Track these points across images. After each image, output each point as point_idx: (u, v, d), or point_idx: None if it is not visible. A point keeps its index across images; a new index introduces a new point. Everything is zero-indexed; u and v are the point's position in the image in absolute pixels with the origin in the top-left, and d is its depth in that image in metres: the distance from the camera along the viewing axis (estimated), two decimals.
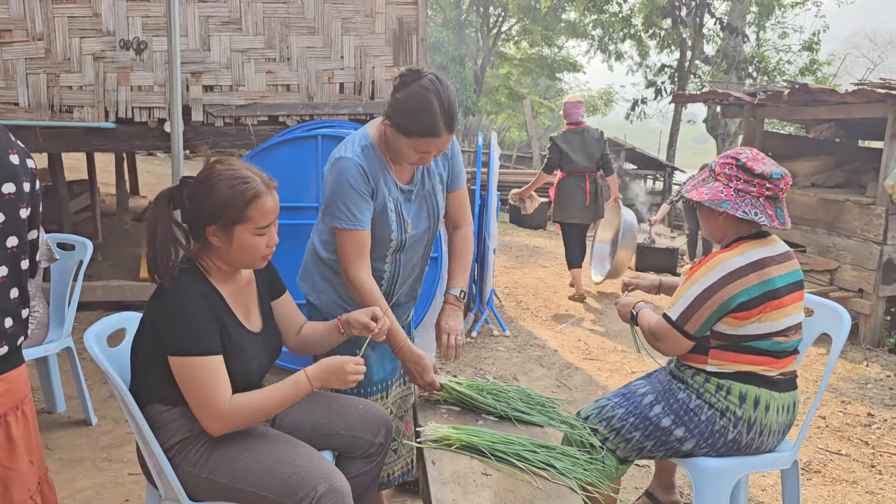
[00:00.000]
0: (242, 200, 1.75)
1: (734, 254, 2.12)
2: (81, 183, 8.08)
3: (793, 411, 2.23)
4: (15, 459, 1.66)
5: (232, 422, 1.76)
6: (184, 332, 1.71)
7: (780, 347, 2.13)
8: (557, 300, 6.55)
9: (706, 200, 2.15)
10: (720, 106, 7.66)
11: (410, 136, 1.99)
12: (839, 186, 6.34)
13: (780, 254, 2.16)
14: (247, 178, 1.77)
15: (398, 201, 2.15)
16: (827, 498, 3.08)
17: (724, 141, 15.95)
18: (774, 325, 2.10)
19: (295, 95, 4.94)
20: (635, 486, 3.08)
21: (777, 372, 2.15)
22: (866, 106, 5.52)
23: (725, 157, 2.20)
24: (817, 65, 16.81)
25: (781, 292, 2.10)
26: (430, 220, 2.26)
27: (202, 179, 1.78)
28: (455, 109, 1.99)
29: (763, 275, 2.08)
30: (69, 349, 3.38)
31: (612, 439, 2.25)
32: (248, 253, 1.80)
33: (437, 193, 2.24)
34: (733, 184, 2.14)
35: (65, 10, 4.70)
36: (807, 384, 4.44)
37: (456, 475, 1.81)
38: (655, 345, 2.26)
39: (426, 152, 2.02)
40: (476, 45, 25.00)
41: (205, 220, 1.77)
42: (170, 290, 1.75)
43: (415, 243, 2.25)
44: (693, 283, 2.13)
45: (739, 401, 2.12)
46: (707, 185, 2.21)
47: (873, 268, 5.37)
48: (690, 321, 2.12)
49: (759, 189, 2.12)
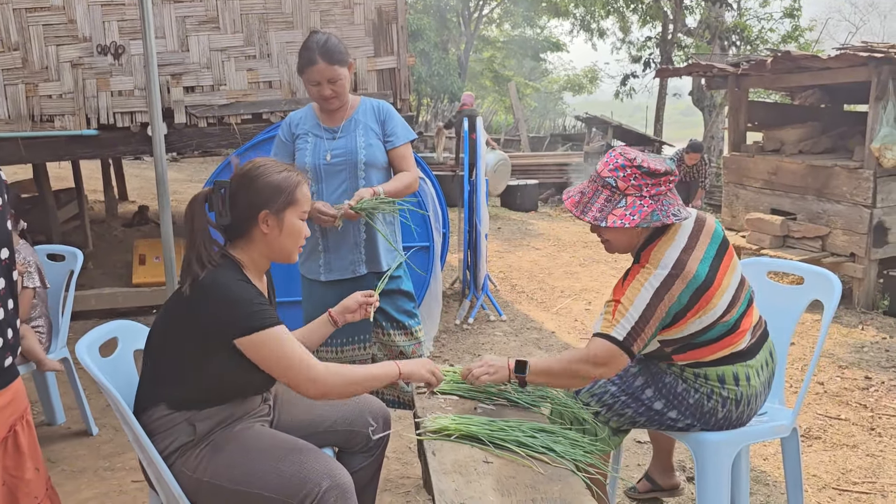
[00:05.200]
0: (292, 184, 1.88)
1: (651, 268, 2.01)
2: (68, 192, 8.02)
3: (772, 362, 2.21)
4: (22, 468, 1.69)
5: (331, 382, 1.78)
6: (245, 311, 1.73)
7: (731, 322, 2.06)
8: (552, 282, 6.56)
9: (640, 222, 2.01)
10: (704, 78, 7.65)
11: (302, 73, 2.55)
12: (826, 152, 6.35)
13: (689, 236, 2.06)
14: (289, 167, 1.94)
15: (319, 137, 2.65)
16: (828, 463, 3.11)
17: (711, 112, 15.92)
18: (714, 311, 2.02)
19: (277, 92, 4.91)
20: (637, 464, 3.10)
21: (745, 342, 2.11)
22: (849, 70, 5.52)
23: (621, 168, 2.03)
24: (799, 31, 16.75)
25: (710, 277, 2.01)
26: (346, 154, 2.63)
27: (244, 174, 1.88)
28: (331, 46, 2.50)
29: (686, 276, 1.99)
30: (66, 360, 3.37)
31: (605, 413, 2.22)
32: (294, 238, 1.91)
33: (359, 137, 2.64)
34: (645, 192, 2.03)
35: (39, 18, 4.65)
36: (803, 351, 4.46)
37: (457, 464, 1.81)
38: (593, 372, 2.04)
39: (317, 83, 2.52)
40: (458, 29, 24.86)
41: (257, 207, 1.84)
42: (215, 279, 1.76)
43: (335, 174, 2.62)
44: (630, 303, 2.00)
45: (720, 383, 2.10)
46: (617, 205, 2.04)
47: (864, 231, 5.39)
48: (636, 342, 2.00)
49: (665, 187, 2.04)
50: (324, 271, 2.67)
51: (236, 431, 1.88)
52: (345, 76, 2.56)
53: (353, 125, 2.67)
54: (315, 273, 2.68)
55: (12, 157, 4.71)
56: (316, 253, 2.67)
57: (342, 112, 2.67)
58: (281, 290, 3.83)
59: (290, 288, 3.83)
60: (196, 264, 1.78)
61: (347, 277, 2.65)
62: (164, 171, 3.45)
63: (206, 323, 1.75)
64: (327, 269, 2.66)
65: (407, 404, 2.80)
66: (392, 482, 2.93)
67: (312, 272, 2.69)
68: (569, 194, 2.17)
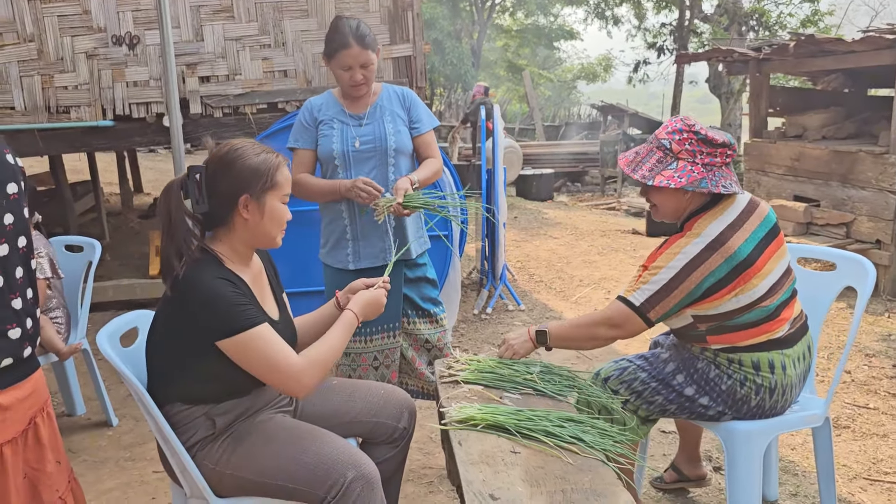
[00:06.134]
0: (271, 166, 1.80)
1: (691, 237, 2.00)
2: (85, 184, 8.06)
3: (809, 355, 2.17)
4: (43, 461, 1.67)
5: (313, 371, 1.74)
6: (225, 312, 1.67)
7: (772, 308, 2.03)
8: (570, 271, 6.50)
9: (686, 185, 2.00)
10: (724, 64, 7.53)
11: (333, 57, 2.48)
12: (850, 137, 6.22)
13: (738, 215, 2.04)
14: (268, 149, 1.85)
15: (345, 124, 2.59)
16: (858, 453, 3.04)
17: (728, 99, 15.73)
18: (754, 292, 1.99)
19: (293, 81, 4.87)
20: (663, 454, 3.05)
21: (784, 330, 2.07)
22: (874, 53, 5.39)
23: (678, 132, 2.04)
24: (819, 15, 16.50)
25: (752, 257, 1.99)
26: (376, 140, 2.59)
27: (221, 158, 1.79)
28: (363, 31, 2.46)
29: (725, 251, 1.97)
30: (85, 351, 3.37)
31: (634, 401, 2.19)
32: (276, 222, 1.83)
33: (387, 123, 2.60)
34: (699, 159, 2.01)
35: (54, 9, 4.63)
36: (829, 339, 4.38)
37: (484, 455, 1.77)
38: (609, 333, 2.11)
39: (349, 67, 2.47)
40: (471, 18, 24.69)
41: (237, 192, 1.76)
42: (192, 279, 1.70)
43: (364, 161, 2.57)
44: (658, 271, 2.01)
45: (755, 369, 2.06)
46: (668, 166, 2.04)
47: (890, 218, 5.28)
48: (655, 309, 2.01)
49: (721, 159, 2.02)
50: (352, 260, 2.62)
51: (258, 423, 1.85)
52: (375, 61, 2.53)
53: (379, 112, 2.62)
54: (342, 262, 2.64)
55: (29, 149, 4.71)
56: (343, 241, 2.63)
57: (366, 98, 2.62)
58: (298, 280, 3.83)
59: (308, 278, 3.81)
60: (176, 259, 1.71)
61: (378, 265, 2.61)
62: (182, 160, 3.43)
63: (188, 325, 1.70)
64: (356, 258, 2.62)
65: (430, 395, 2.77)
66: (414, 472, 2.90)
67: (339, 261, 2.65)
68: (624, 154, 2.19)
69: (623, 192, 11.75)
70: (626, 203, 10.68)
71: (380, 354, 2.69)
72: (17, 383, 1.59)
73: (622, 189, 11.84)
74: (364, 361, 2.67)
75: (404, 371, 2.78)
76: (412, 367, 2.76)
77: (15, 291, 1.58)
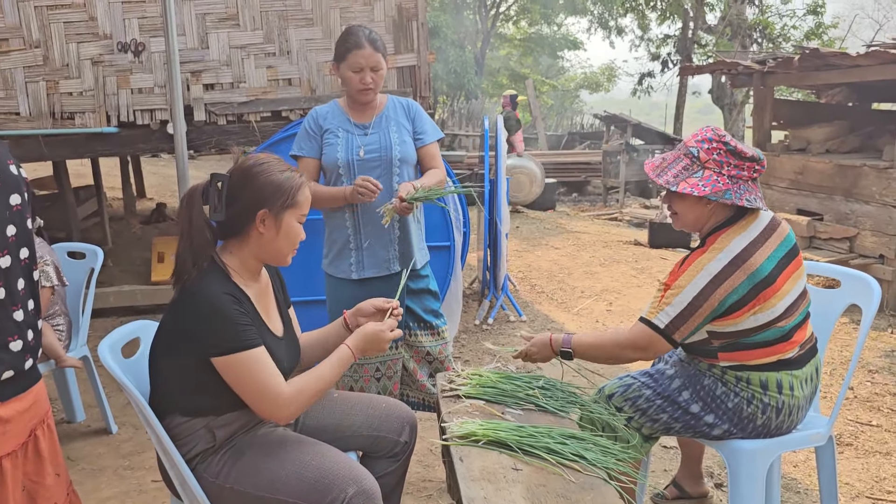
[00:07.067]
0: (294, 185, 1.81)
1: (714, 253, 1.99)
2: (87, 189, 8.05)
3: (816, 377, 2.15)
4: (42, 473, 1.67)
5: (298, 402, 1.73)
6: (223, 330, 1.67)
7: (786, 329, 2.02)
8: (572, 282, 6.49)
9: (710, 194, 1.99)
10: (729, 76, 7.53)
11: (344, 58, 2.51)
12: (854, 151, 6.22)
13: (760, 232, 2.03)
14: (292, 168, 1.86)
15: (350, 133, 2.61)
16: (861, 471, 3.02)
17: (731, 111, 15.75)
18: (772, 311, 1.98)
19: (297, 89, 4.87)
20: (664, 469, 3.03)
21: (794, 352, 2.06)
22: (879, 68, 5.39)
23: (707, 141, 2.03)
24: (823, 28, 16.53)
25: (773, 276, 1.98)
26: (381, 150, 2.60)
27: (245, 170, 1.80)
28: (375, 37, 2.52)
29: (748, 268, 1.96)
30: (86, 358, 3.36)
31: (638, 419, 2.18)
32: (290, 241, 1.84)
33: (392, 133, 2.61)
34: (725, 170, 2.00)
35: (60, 15, 4.64)
36: (832, 354, 4.37)
37: (485, 471, 1.76)
38: (634, 356, 2.11)
39: (360, 69, 2.50)
40: (475, 27, 24.77)
41: (256, 206, 1.77)
42: (197, 290, 1.70)
43: (369, 170, 2.57)
44: (680, 290, 1.99)
45: (762, 388, 2.05)
46: (694, 174, 2.03)
47: (894, 233, 5.27)
48: (680, 330, 2.00)
49: (748, 173, 2.01)
50: (355, 269, 2.62)
51: (258, 436, 1.84)
52: (384, 67, 2.56)
53: (385, 122, 2.64)
54: (345, 272, 2.64)
55: (33, 155, 4.71)
56: (346, 251, 2.63)
57: (372, 108, 2.64)
58: (301, 289, 3.82)
59: (310, 287, 3.80)
60: (191, 264, 1.71)
61: (382, 275, 2.62)
62: (186, 168, 3.43)
63: (187, 338, 1.70)
64: (359, 267, 2.62)
65: (431, 406, 2.76)
66: (414, 485, 2.88)
67: (342, 271, 2.64)
68: (651, 159, 2.19)
69: (625, 203, 11.74)
70: (629, 214, 10.67)
71: (382, 365, 2.68)
72: (18, 395, 1.59)
73: (624, 199, 11.82)
74: (366, 372, 2.66)
75: (405, 383, 2.77)
76: (413, 378, 2.75)
77: (17, 303, 1.58)
